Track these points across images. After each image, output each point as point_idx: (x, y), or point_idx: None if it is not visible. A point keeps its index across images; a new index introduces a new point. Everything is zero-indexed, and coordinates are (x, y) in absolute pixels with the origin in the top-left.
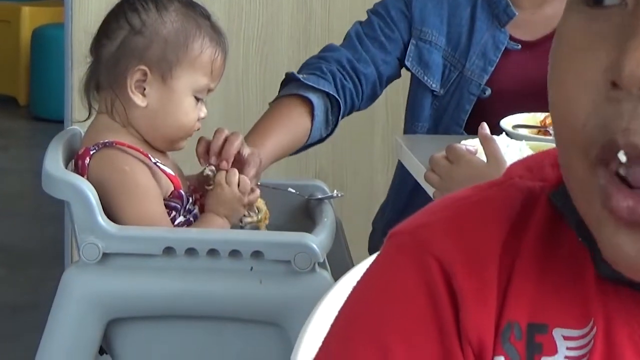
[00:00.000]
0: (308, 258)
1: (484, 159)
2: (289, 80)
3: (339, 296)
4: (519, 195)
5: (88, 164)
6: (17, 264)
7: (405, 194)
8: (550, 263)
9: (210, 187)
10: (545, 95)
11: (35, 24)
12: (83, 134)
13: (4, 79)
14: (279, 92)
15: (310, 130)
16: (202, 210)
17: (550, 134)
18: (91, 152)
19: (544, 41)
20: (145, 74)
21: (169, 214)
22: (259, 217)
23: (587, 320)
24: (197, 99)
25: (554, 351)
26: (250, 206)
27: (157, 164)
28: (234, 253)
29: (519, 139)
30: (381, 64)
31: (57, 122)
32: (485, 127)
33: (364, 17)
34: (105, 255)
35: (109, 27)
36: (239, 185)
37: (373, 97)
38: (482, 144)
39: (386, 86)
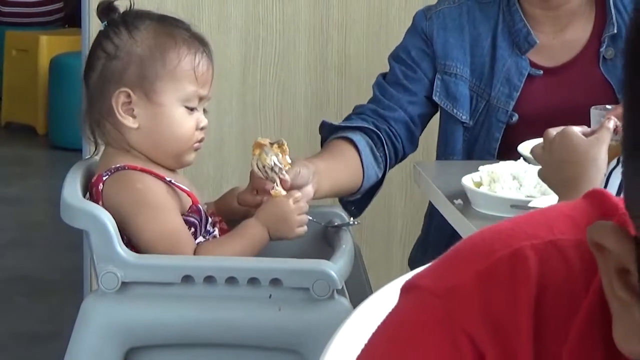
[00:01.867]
0: (326, 285)
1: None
2: (323, 129)
3: (358, 323)
4: (561, 255)
5: (102, 190)
6: (36, 294)
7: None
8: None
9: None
10: (570, 121)
11: (53, 52)
12: None
13: (22, 108)
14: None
15: (362, 166)
16: (222, 233)
17: None
18: (104, 178)
19: (565, 68)
20: (128, 96)
21: (189, 230)
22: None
23: None
24: (191, 108)
25: None
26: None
27: (172, 182)
28: (253, 281)
29: (536, 165)
30: (407, 106)
31: (75, 151)
32: (612, 119)
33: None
34: (124, 284)
35: (90, 60)
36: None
37: (412, 138)
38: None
39: (424, 126)
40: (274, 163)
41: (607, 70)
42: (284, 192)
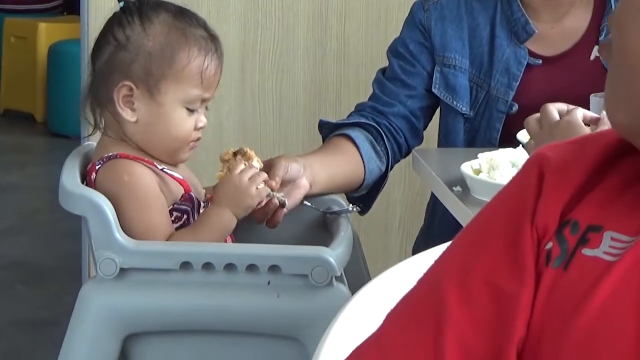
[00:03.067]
0: (325, 272)
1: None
2: (322, 128)
3: (356, 310)
4: (609, 137)
5: (95, 179)
6: (33, 280)
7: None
8: (633, 186)
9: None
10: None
11: (51, 40)
12: None
13: (21, 96)
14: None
15: (363, 159)
16: None
17: None
18: (97, 167)
19: (564, 57)
20: (131, 89)
21: (181, 218)
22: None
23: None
24: (191, 110)
25: (597, 245)
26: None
27: (164, 170)
28: (251, 267)
29: None
30: (407, 100)
31: (74, 138)
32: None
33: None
34: (123, 270)
35: (100, 42)
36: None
37: (415, 131)
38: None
39: (428, 119)
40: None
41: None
42: (257, 165)
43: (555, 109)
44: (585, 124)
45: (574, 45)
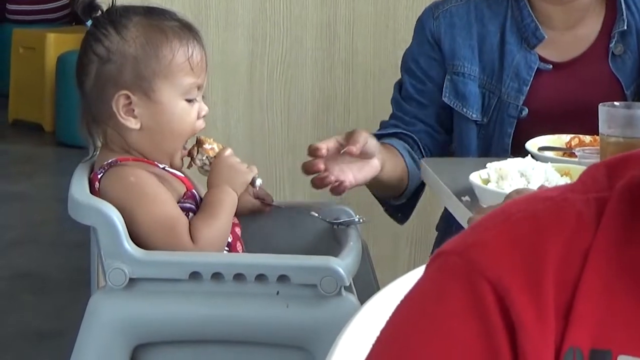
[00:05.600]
0: (334, 282)
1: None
2: None
3: (365, 320)
4: (573, 207)
5: (98, 188)
6: (42, 291)
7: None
8: (618, 283)
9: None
10: (579, 116)
11: (59, 50)
12: None
13: (29, 106)
14: None
15: (406, 165)
16: None
17: (575, 156)
18: (99, 176)
19: (575, 63)
20: (128, 97)
21: (186, 216)
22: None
23: None
24: (191, 101)
25: None
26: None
27: (165, 168)
28: (260, 277)
29: (544, 161)
30: (425, 118)
31: (82, 149)
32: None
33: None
34: (132, 280)
35: (82, 62)
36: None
37: (438, 144)
38: None
39: (451, 130)
40: (206, 160)
41: (615, 66)
42: (216, 148)
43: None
44: None
45: (585, 52)
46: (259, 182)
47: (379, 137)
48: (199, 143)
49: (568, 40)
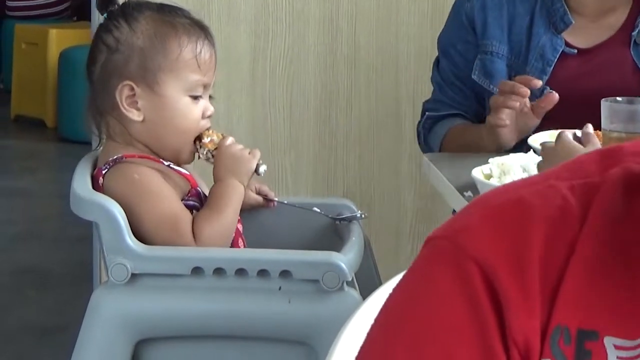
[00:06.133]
0: (336, 277)
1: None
2: (423, 126)
3: (368, 315)
4: (558, 193)
5: (102, 184)
6: (44, 286)
7: None
8: (606, 267)
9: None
10: (598, 101)
11: (62, 46)
12: None
13: (32, 102)
14: (425, 138)
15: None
16: None
17: None
18: (103, 172)
19: (598, 49)
20: (132, 89)
21: (190, 213)
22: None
23: None
24: (195, 98)
25: (603, 359)
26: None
27: (170, 165)
28: (262, 272)
29: None
30: (466, 101)
31: (85, 144)
32: (589, 127)
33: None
34: (134, 275)
35: (92, 53)
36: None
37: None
38: (583, 139)
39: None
40: (208, 153)
41: (637, 54)
42: (215, 139)
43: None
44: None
45: (609, 39)
46: (263, 168)
47: (438, 118)
48: (198, 138)
49: (595, 27)
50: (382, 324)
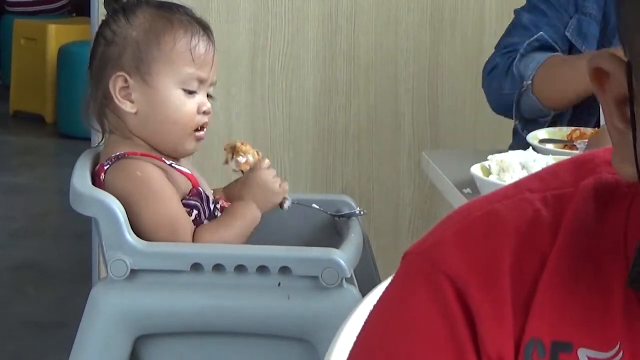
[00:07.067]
0: (335, 273)
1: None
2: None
3: (367, 311)
4: (530, 206)
5: (104, 180)
6: (44, 282)
7: None
8: (579, 278)
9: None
10: None
11: (61, 41)
12: None
13: (31, 97)
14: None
15: None
16: None
17: (576, 148)
18: (105, 168)
19: None
20: (126, 80)
21: (190, 213)
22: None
23: (613, 344)
24: (190, 92)
25: None
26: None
27: (172, 165)
28: (262, 269)
29: (545, 154)
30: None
31: (84, 140)
32: None
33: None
34: (133, 271)
35: (92, 48)
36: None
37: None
38: None
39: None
40: (238, 170)
41: None
42: (251, 158)
43: None
44: None
45: None
46: (287, 204)
47: (539, 47)
48: (233, 150)
49: None
50: (361, 344)
